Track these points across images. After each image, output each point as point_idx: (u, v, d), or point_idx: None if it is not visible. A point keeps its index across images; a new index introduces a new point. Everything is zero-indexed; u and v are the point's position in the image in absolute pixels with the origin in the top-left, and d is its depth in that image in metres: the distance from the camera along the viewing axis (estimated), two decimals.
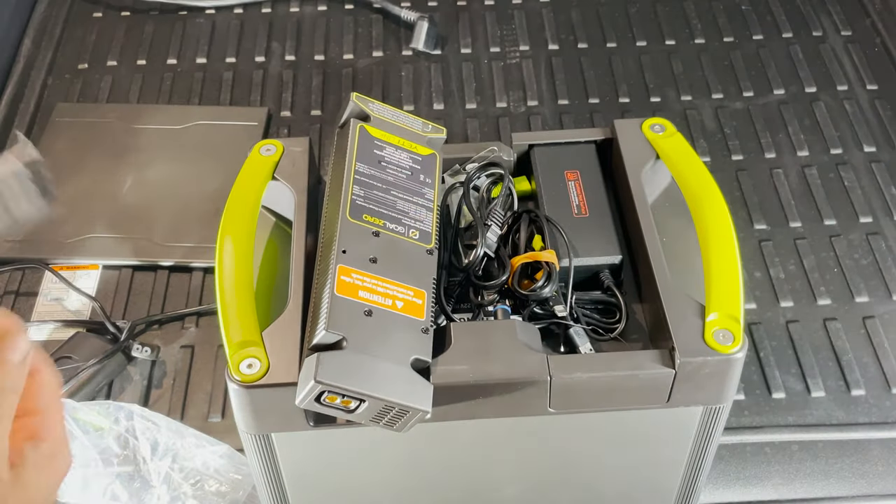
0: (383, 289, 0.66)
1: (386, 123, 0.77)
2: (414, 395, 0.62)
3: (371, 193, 0.72)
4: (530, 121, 1.23)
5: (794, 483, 0.91)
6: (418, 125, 0.79)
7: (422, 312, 0.66)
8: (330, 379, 0.60)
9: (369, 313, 0.64)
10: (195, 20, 1.38)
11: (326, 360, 0.61)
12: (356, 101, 0.77)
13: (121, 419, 0.85)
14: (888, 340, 0.99)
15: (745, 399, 0.95)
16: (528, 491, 0.79)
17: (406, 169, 0.75)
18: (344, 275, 0.65)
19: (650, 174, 0.78)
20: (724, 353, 0.65)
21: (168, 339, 1.01)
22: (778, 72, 1.28)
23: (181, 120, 1.22)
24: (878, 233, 1.09)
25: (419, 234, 0.71)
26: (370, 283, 0.66)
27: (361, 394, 0.60)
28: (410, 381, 0.62)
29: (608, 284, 0.75)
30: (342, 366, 0.61)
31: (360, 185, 0.72)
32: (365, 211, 0.70)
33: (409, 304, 0.66)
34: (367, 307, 0.64)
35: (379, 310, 0.65)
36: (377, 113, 0.77)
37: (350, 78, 1.29)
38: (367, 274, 0.66)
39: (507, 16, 1.38)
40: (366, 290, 0.65)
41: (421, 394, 0.62)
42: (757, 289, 1.04)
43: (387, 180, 0.73)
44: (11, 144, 1.20)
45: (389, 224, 0.70)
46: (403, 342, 0.64)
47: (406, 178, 0.74)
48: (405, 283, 0.67)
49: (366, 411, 0.61)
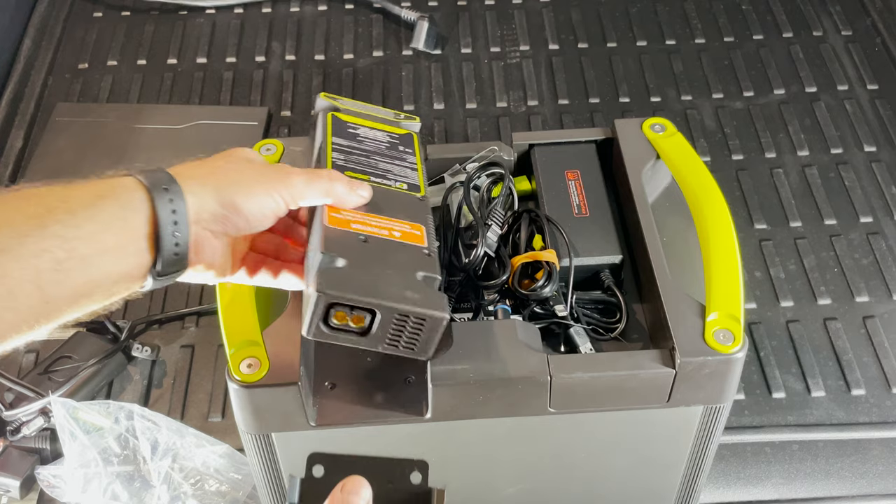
0: (376, 221, 0.62)
1: (357, 113, 0.75)
2: (428, 301, 0.56)
3: (351, 158, 0.68)
4: (530, 120, 1.23)
5: (795, 483, 0.91)
6: (390, 114, 0.77)
7: (422, 240, 0.62)
8: (335, 289, 0.55)
9: (366, 240, 0.60)
10: (195, 20, 1.38)
11: (329, 274, 0.56)
12: (324, 99, 0.75)
13: (121, 419, 0.86)
14: (888, 340, 0.99)
15: (745, 399, 0.95)
16: (528, 491, 0.79)
17: (384, 141, 0.72)
18: (333, 212, 0.61)
19: (650, 174, 0.78)
20: (724, 353, 0.65)
21: (168, 338, 1.01)
22: (778, 71, 1.28)
23: (181, 120, 1.22)
24: (879, 232, 1.09)
25: (407, 186, 0.67)
26: (362, 219, 0.61)
27: (371, 303, 0.55)
28: (422, 289, 0.57)
29: (608, 284, 0.75)
30: (346, 278, 0.56)
31: (339, 152, 0.68)
32: (347, 169, 0.66)
33: (408, 235, 0.61)
34: (362, 235, 0.60)
35: (376, 238, 0.60)
36: (347, 106, 0.75)
37: (350, 78, 1.29)
38: (356, 211, 0.62)
39: (507, 15, 1.38)
40: (358, 223, 0.61)
41: (436, 301, 0.57)
42: (757, 288, 1.04)
43: (365, 149, 0.70)
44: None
45: (375, 178, 0.67)
46: (408, 261, 0.59)
47: (386, 147, 0.71)
48: (400, 219, 0.63)
49: (380, 330, 0.56)
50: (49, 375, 0.92)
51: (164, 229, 0.52)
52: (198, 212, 0.54)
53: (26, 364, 0.97)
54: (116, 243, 0.51)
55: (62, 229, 0.49)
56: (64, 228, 0.49)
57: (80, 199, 0.51)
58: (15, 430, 0.88)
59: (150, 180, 0.53)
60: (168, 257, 0.53)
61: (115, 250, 0.51)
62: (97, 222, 0.50)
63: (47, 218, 0.49)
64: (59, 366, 0.93)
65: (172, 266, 0.54)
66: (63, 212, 0.50)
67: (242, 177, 0.56)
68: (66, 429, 0.84)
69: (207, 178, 0.55)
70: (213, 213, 0.55)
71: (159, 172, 0.54)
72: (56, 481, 0.85)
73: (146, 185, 0.53)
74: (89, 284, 0.50)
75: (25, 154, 1.20)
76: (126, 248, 0.52)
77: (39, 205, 0.50)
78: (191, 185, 0.54)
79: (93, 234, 0.50)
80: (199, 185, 0.55)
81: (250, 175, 0.57)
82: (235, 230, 0.57)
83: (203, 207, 0.54)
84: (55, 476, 0.85)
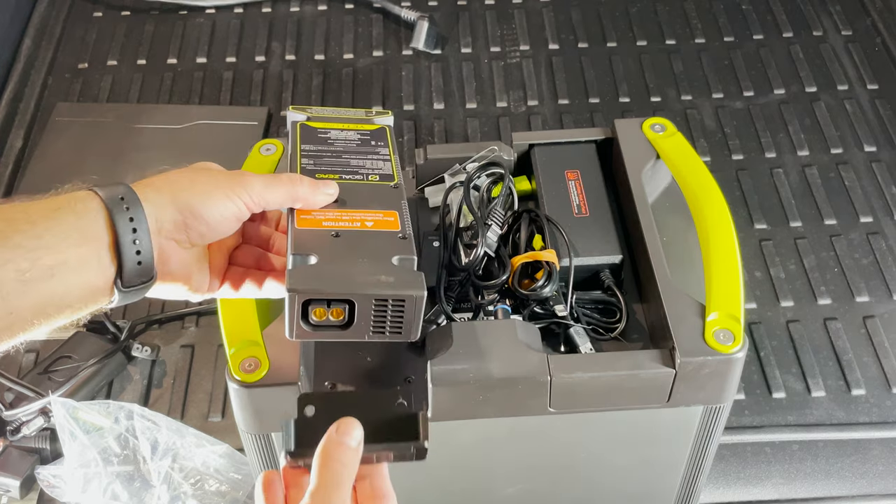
0: (348, 216, 0.61)
1: (326, 118, 0.75)
2: (403, 282, 0.56)
3: (321, 160, 0.67)
4: (530, 120, 1.23)
5: (795, 483, 0.91)
6: (361, 113, 0.77)
7: (396, 226, 0.61)
8: (304, 285, 0.55)
9: (337, 235, 0.59)
10: (195, 20, 1.38)
11: (300, 272, 0.56)
12: (293, 111, 0.74)
13: (121, 419, 0.86)
14: (888, 340, 0.99)
15: (745, 399, 0.95)
16: (528, 490, 0.79)
17: (355, 140, 0.71)
18: (303, 214, 0.61)
19: (650, 174, 0.78)
20: (724, 353, 0.65)
21: (168, 338, 1.01)
22: (778, 71, 1.28)
23: (181, 119, 1.22)
24: (879, 232, 1.09)
25: (380, 177, 0.67)
26: (333, 215, 0.61)
27: (344, 294, 0.55)
28: (396, 272, 0.57)
29: (608, 284, 0.75)
30: (318, 273, 0.56)
31: (307, 157, 0.68)
32: (317, 172, 0.65)
33: (381, 222, 0.61)
34: (333, 231, 0.60)
35: (347, 231, 0.60)
36: (316, 113, 0.75)
37: (350, 77, 1.29)
38: (327, 209, 0.61)
39: (507, 15, 1.38)
40: (329, 220, 0.60)
41: (411, 280, 0.56)
42: (757, 288, 1.04)
43: (335, 150, 0.69)
44: None
45: (346, 175, 0.66)
46: (382, 248, 0.59)
47: (357, 146, 0.71)
48: (373, 210, 0.62)
49: (361, 319, 0.56)
50: (49, 375, 0.92)
51: (122, 237, 0.52)
52: (158, 220, 0.54)
53: (26, 364, 0.97)
54: (78, 254, 0.51)
55: (24, 240, 0.49)
56: (26, 239, 0.49)
57: (40, 211, 0.51)
58: (15, 429, 0.88)
59: (105, 192, 0.53)
60: (131, 267, 0.53)
61: (78, 261, 0.51)
62: (56, 234, 0.51)
63: (8, 229, 0.49)
64: (59, 365, 0.93)
65: (137, 277, 0.54)
66: (24, 222, 0.50)
67: (198, 183, 0.57)
68: (66, 429, 0.84)
69: (164, 187, 0.55)
70: (174, 220, 0.55)
71: (117, 185, 0.54)
72: (56, 481, 0.85)
73: (101, 195, 0.53)
74: (53, 296, 0.51)
75: (25, 154, 1.20)
76: (88, 259, 0.52)
77: (1, 218, 0.50)
78: (147, 194, 0.54)
79: (54, 244, 0.50)
80: (155, 192, 0.55)
81: (207, 180, 0.57)
82: (199, 237, 0.57)
83: (162, 216, 0.54)
84: (55, 476, 0.85)
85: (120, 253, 0.52)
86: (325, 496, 0.52)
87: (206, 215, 0.56)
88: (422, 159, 0.83)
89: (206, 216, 0.56)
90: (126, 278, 0.53)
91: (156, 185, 0.56)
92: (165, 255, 0.55)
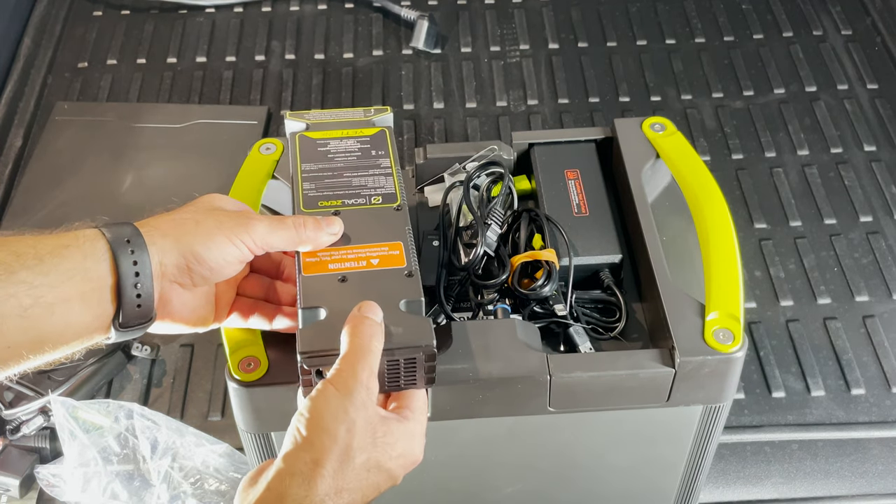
0: (353, 254, 0.63)
1: (325, 124, 0.75)
2: (410, 333, 0.58)
3: (322, 183, 0.69)
4: (530, 120, 1.23)
5: (794, 482, 0.91)
6: (359, 113, 0.77)
7: (401, 261, 0.63)
8: (311, 346, 0.56)
9: (343, 279, 0.61)
10: (195, 19, 1.38)
11: (306, 332, 0.58)
12: (290, 119, 0.75)
13: (120, 418, 0.85)
14: (888, 339, 0.99)
15: (744, 398, 0.95)
16: (528, 490, 0.79)
17: (354, 152, 0.72)
18: (308, 257, 0.62)
19: (650, 173, 0.78)
20: (723, 353, 0.65)
21: (167, 337, 1.01)
22: (778, 71, 1.28)
23: (181, 119, 1.22)
24: (878, 232, 1.09)
25: (382, 199, 0.68)
26: (338, 255, 0.62)
27: None
28: (404, 320, 0.59)
29: (608, 283, 0.75)
30: (324, 331, 0.58)
31: (309, 180, 0.69)
32: (319, 199, 0.67)
33: (386, 258, 0.63)
34: (339, 275, 0.61)
35: (353, 273, 0.61)
36: (314, 119, 0.76)
37: (350, 77, 1.29)
38: (332, 248, 0.63)
39: (507, 15, 1.38)
40: (335, 262, 0.62)
41: (418, 329, 0.58)
42: (757, 288, 1.04)
43: (336, 168, 0.71)
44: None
45: (348, 200, 0.67)
46: (387, 291, 0.60)
47: (357, 159, 0.72)
48: (377, 243, 0.64)
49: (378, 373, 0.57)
50: (48, 374, 0.92)
51: (124, 280, 0.53)
52: (161, 264, 0.55)
53: None
54: (79, 293, 0.52)
55: (30, 275, 0.50)
56: (31, 275, 0.50)
57: (48, 247, 0.52)
58: (14, 429, 0.88)
59: (112, 233, 0.54)
60: (130, 310, 0.54)
61: (79, 300, 0.52)
62: (61, 272, 0.51)
63: (15, 264, 0.50)
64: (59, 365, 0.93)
65: (135, 319, 0.54)
66: (31, 257, 0.51)
67: (202, 227, 0.57)
68: (66, 428, 0.84)
69: (169, 230, 0.56)
70: (177, 264, 0.56)
71: (124, 226, 0.55)
72: (55, 480, 0.85)
73: (107, 237, 0.53)
74: (52, 333, 0.51)
75: (25, 153, 1.20)
76: (89, 298, 0.52)
77: (9, 251, 0.50)
78: (153, 237, 0.55)
79: (58, 283, 0.51)
80: (161, 236, 0.55)
81: (211, 224, 0.57)
82: (201, 280, 0.57)
83: (166, 260, 0.55)
84: (55, 475, 0.85)
85: (120, 295, 0.53)
86: (355, 359, 0.54)
87: (208, 259, 0.57)
88: (421, 159, 0.83)
89: (209, 260, 0.57)
90: (124, 319, 0.54)
91: (161, 228, 0.56)
92: (167, 297, 0.56)
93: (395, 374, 0.58)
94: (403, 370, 0.58)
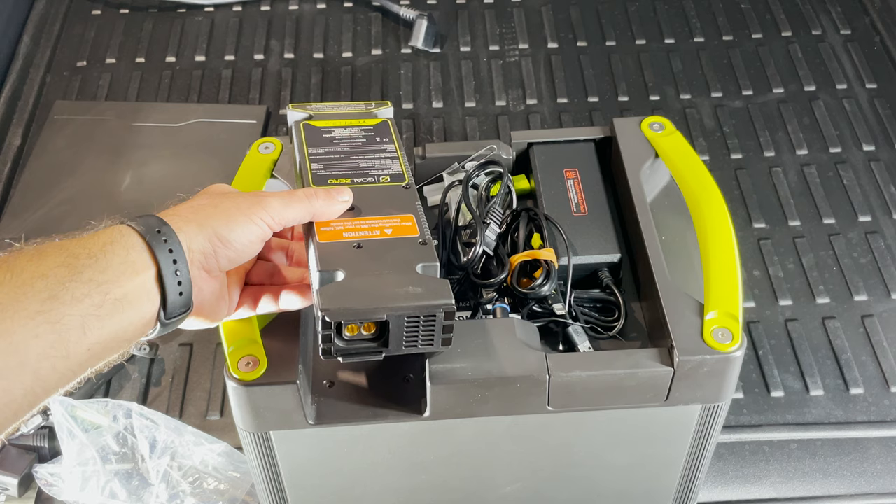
0: (367, 224, 0.63)
1: (328, 115, 0.76)
2: (431, 293, 0.58)
3: (330, 164, 0.69)
4: (529, 119, 1.23)
5: (793, 481, 0.91)
6: (361, 107, 0.78)
7: (415, 231, 0.63)
8: (336, 304, 0.56)
9: (359, 246, 0.61)
10: (194, 18, 1.38)
11: (330, 291, 0.58)
12: (293, 110, 0.75)
13: (119, 417, 0.85)
14: (887, 339, 0.99)
15: (743, 397, 0.95)
16: (526, 489, 0.79)
17: (359, 138, 0.73)
18: (323, 226, 0.62)
19: (649, 172, 0.78)
20: (722, 352, 0.65)
21: (166, 336, 1.00)
22: (777, 70, 1.28)
23: (180, 118, 1.22)
24: (877, 231, 1.09)
25: (390, 178, 0.68)
26: (352, 224, 0.63)
27: (376, 309, 0.57)
28: (423, 282, 0.59)
29: (607, 283, 0.75)
30: (346, 290, 0.58)
31: (317, 161, 0.69)
32: (329, 178, 0.68)
33: (399, 228, 0.63)
34: (355, 242, 0.61)
35: (368, 241, 0.62)
36: (317, 111, 0.76)
37: (349, 76, 1.29)
38: (345, 219, 0.63)
39: (506, 14, 1.38)
40: (350, 231, 0.63)
41: (438, 289, 0.58)
42: (756, 287, 1.04)
43: (343, 151, 0.71)
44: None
45: (357, 179, 0.68)
46: (405, 257, 0.60)
47: (362, 144, 0.72)
48: (389, 214, 0.64)
49: (396, 334, 0.58)
50: None
51: (165, 269, 0.53)
52: (189, 250, 0.55)
53: None
54: (135, 286, 0.52)
55: (93, 273, 0.50)
56: (94, 273, 0.50)
57: (96, 245, 0.52)
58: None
59: (142, 225, 0.54)
60: (174, 299, 0.54)
61: (135, 294, 0.52)
62: (114, 266, 0.51)
63: (77, 264, 0.50)
64: None
65: (179, 308, 0.55)
66: (87, 257, 0.51)
67: (221, 209, 0.57)
68: (65, 427, 0.84)
69: (190, 216, 0.56)
70: (203, 250, 0.56)
71: (149, 217, 0.55)
72: (54, 479, 0.85)
73: (139, 230, 0.53)
74: (118, 329, 0.51)
75: (24, 152, 1.20)
76: (140, 292, 0.52)
77: (64, 254, 0.50)
78: (178, 224, 0.55)
79: (114, 278, 0.51)
80: (184, 222, 0.55)
81: (229, 205, 0.58)
82: (228, 262, 0.57)
83: (193, 246, 0.55)
84: (53, 474, 0.85)
85: (163, 284, 0.53)
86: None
87: (233, 241, 0.57)
88: (420, 158, 0.84)
89: (234, 241, 0.57)
90: (169, 310, 0.54)
91: (183, 214, 0.56)
92: (198, 286, 0.56)
93: (414, 334, 0.58)
94: (422, 330, 0.58)
